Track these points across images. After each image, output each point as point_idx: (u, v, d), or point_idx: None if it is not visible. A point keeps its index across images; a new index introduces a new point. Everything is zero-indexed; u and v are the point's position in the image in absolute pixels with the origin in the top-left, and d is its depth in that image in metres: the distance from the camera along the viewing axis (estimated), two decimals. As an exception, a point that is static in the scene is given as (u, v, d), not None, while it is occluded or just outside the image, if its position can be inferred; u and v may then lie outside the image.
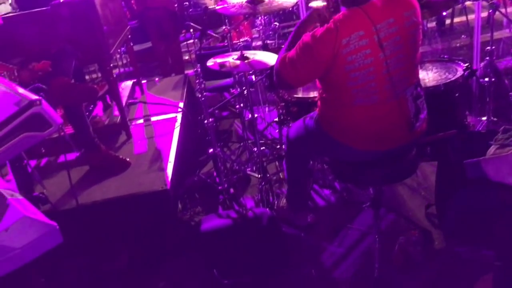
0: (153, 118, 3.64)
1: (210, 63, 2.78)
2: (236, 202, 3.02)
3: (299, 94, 2.89)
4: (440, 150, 2.60)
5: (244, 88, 3.14)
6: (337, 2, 2.04)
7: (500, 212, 1.85)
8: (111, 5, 3.35)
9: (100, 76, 5.14)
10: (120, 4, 3.83)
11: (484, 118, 3.24)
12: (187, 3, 4.87)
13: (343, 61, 1.92)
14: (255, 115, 3.10)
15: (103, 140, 3.02)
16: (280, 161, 3.43)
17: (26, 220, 1.35)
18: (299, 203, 2.75)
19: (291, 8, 4.28)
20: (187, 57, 5.48)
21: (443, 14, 5.20)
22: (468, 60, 2.83)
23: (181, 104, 3.72)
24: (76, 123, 2.84)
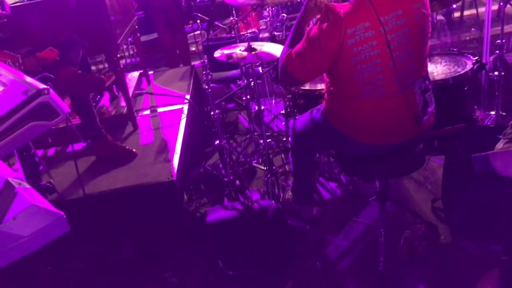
0: (159, 109, 3.65)
1: (217, 54, 2.78)
2: (241, 194, 3.02)
3: (306, 87, 2.88)
4: (448, 144, 2.59)
5: (251, 79, 3.13)
6: None
7: (508, 207, 1.84)
8: (119, -5, 3.35)
9: (107, 67, 5.16)
10: (128, -6, 3.83)
11: (492, 113, 3.21)
12: (195, -7, 4.88)
13: (349, 52, 1.90)
14: (261, 107, 3.09)
15: (110, 131, 3.03)
16: (286, 154, 3.42)
17: (33, 208, 1.36)
18: (305, 196, 2.75)
19: (299, -1, 4.25)
20: (194, 48, 5.48)
21: (453, 6, 5.15)
22: (477, 53, 2.80)
23: (188, 95, 3.72)
24: (83, 114, 2.85)
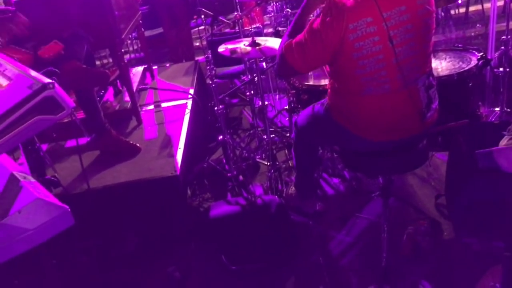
0: (163, 104, 3.65)
1: (221, 49, 2.77)
2: (245, 189, 3.03)
3: (310, 82, 2.87)
4: (451, 141, 2.58)
5: (254, 75, 3.13)
6: None
7: (511, 203, 1.84)
8: (123, -10, 3.34)
9: (111, 62, 5.17)
10: (132, -11, 3.82)
11: (497, 109, 3.20)
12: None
13: (351, 47, 1.89)
14: (265, 103, 3.09)
15: (114, 126, 3.04)
16: (290, 149, 3.42)
17: (38, 202, 1.37)
18: (308, 191, 2.75)
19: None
20: (198, 44, 5.47)
21: (458, 2, 5.12)
22: (482, 49, 2.79)
23: (192, 90, 3.72)
24: (88, 108, 2.86)
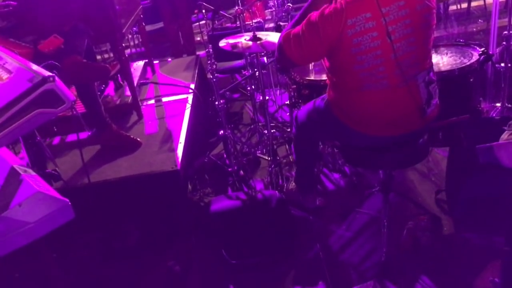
0: (164, 99, 3.65)
1: (222, 43, 2.77)
2: (245, 184, 3.03)
3: (311, 77, 2.87)
4: (452, 136, 2.58)
5: (255, 70, 3.12)
6: None
7: (511, 198, 1.84)
8: (124, -16, 3.34)
9: (112, 56, 5.16)
10: (133, -17, 3.81)
11: (498, 104, 3.19)
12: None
13: (349, 43, 1.89)
14: (266, 98, 3.09)
15: (114, 120, 3.04)
16: (290, 144, 3.42)
17: (39, 195, 1.36)
18: (308, 186, 2.75)
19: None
20: (199, 38, 5.46)
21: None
22: (484, 45, 2.78)
23: (192, 85, 3.72)
24: (88, 102, 2.86)
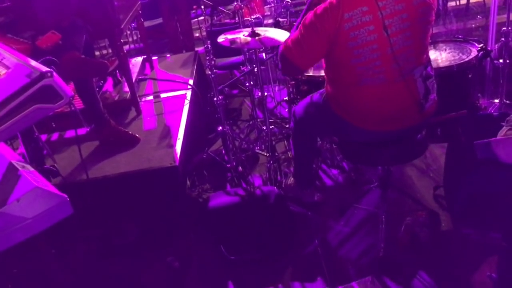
0: (162, 95, 3.65)
1: (220, 39, 2.76)
2: (244, 180, 3.03)
3: (310, 73, 2.86)
4: (450, 132, 2.59)
5: (254, 66, 3.12)
6: None
7: (509, 194, 1.84)
8: (122, -21, 3.33)
9: (110, 52, 5.15)
10: (131, -22, 3.80)
11: (496, 101, 3.20)
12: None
13: (346, 37, 1.89)
14: (265, 94, 3.09)
15: (113, 116, 3.03)
16: (289, 140, 3.42)
17: (37, 191, 1.37)
18: (306, 181, 2.76)
19: (304, -15, 4.21)
20: (197, 34, 5.45)
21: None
22: (483, 41, 2.78)
23: (191, 81, 3.71)
24: (87, 98, 2.85)
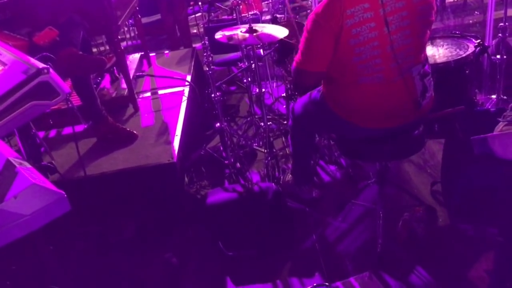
0: (160, 91, 3.65)
1: (218, 35, 2.75)
2: (242, 177, 3.04)
3: (307, 69, 2.86)
4: (448, 128, 2.59)
5: (252, 62, 3.12)
6: None
7: (506, 189, 1.84)
8: (119, -25, 3.32)
9: (107, 49, 5.13)
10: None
11: (494, 96, 3.20)
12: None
13: (348, 34, 1.89)
14: (262, 90, 3.09)
15: (111, 113, 3.03)
16: (287, 137, 3.43)
17: (34, 187, 1.36)
18: (304, 177, 2.76)
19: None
20: (195, 30, 5.44)
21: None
22: (480, 36, 2.78)
23: (189, 77, 3.71)
24: (84, 95, 2.85)
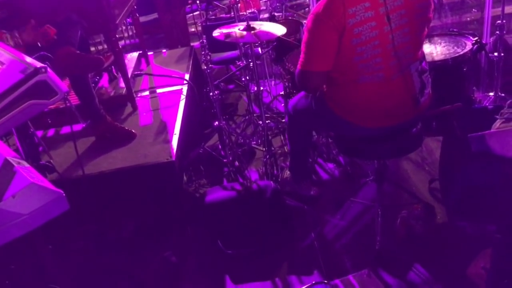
0: (158, 90, 3.64)
1: (216, 33, 2.75)
2: (240, 175, 3.04)
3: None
4: (446, 125, 2.59)
5: (250, 60, 3.12)
6: None
7: (503, 186, 1.85)
8: (117, -26, 3.31)
9: (105, 48, 5.12)
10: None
11: (491, 94, 3.21)
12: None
13: (350, 33, 1.89)
14: (261, 88, 3.09)
15: (109, 112, 3.03)
16: (285, 135, 3.43)
17: (33, 186, 1.36)
18: (302, 174, 2.77)
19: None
20: (193, 29, 5.43)
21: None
22: (478, 34, 2.79)
23: (187, 76, 3.70)
24: (82, 94, 2.85)
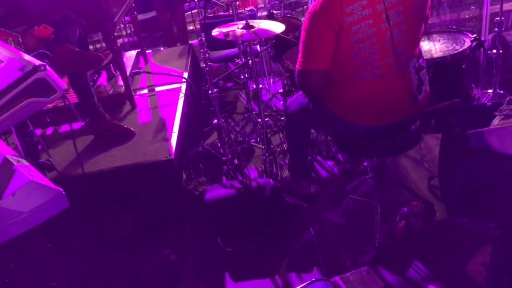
0: (157, 88, 3.64)
1: (215, 32, 2.75)
2: (239, 173, 3.04)
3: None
4: (444, 122, 2.60)
5: (249, 58, 3.12)
6: None
7: (503, 183, 1.86)
8: (115, -28, 3.30)
9: (104, 46, 5.12)
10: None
11: (490, 91, 3.22)
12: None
13: (348, 32, 1.89)
14: (260, 86, 3.09)
15: (108, 110, 3.02)
16: (284, 133, 3.43)
17: (32, 185, 1.36)
18: (301, 172, 2.77)
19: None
20: (191, 27, 5.42)
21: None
22: (476, 31, 2.79)
23: (186, 74, 3.70)
24: (81, 92, 2.84)
